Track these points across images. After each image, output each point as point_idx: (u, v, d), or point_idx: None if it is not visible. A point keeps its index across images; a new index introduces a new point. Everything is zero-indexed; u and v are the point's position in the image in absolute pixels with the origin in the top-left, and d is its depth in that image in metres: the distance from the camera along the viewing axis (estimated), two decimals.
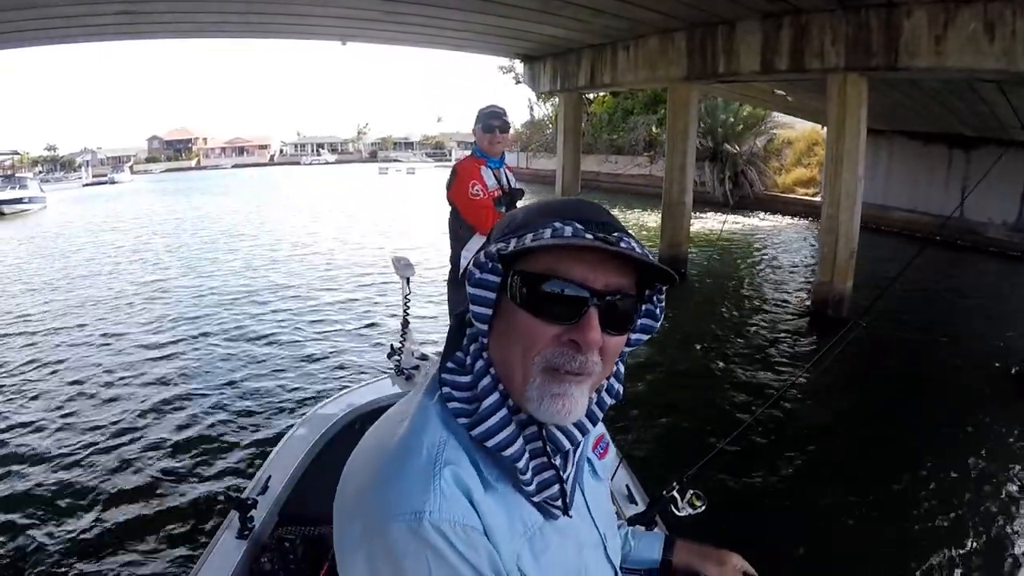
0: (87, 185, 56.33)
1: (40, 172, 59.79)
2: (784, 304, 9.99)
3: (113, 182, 57.80)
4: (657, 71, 11.48)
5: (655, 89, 23.57)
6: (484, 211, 3.80)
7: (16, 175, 35.39)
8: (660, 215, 12.41)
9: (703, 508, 1.48)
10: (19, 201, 29.26)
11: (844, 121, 8.35)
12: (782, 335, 8.49)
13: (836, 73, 8.28)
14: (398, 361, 3.88)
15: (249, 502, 2.33)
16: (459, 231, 3.90)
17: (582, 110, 16.26)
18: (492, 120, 3.95)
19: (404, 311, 3.98)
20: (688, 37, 10.48)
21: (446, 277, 4.11)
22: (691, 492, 1.51)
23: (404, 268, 3.99)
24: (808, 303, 9.54)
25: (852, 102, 8.24)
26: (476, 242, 3.79)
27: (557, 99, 19.20)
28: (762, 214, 19.99)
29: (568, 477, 0.89)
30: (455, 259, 3.97)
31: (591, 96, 33.98)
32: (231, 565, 2.16)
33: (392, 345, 4.03)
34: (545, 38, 12.89)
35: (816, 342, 7.96)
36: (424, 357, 4.17)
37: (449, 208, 4.02)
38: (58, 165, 78.53)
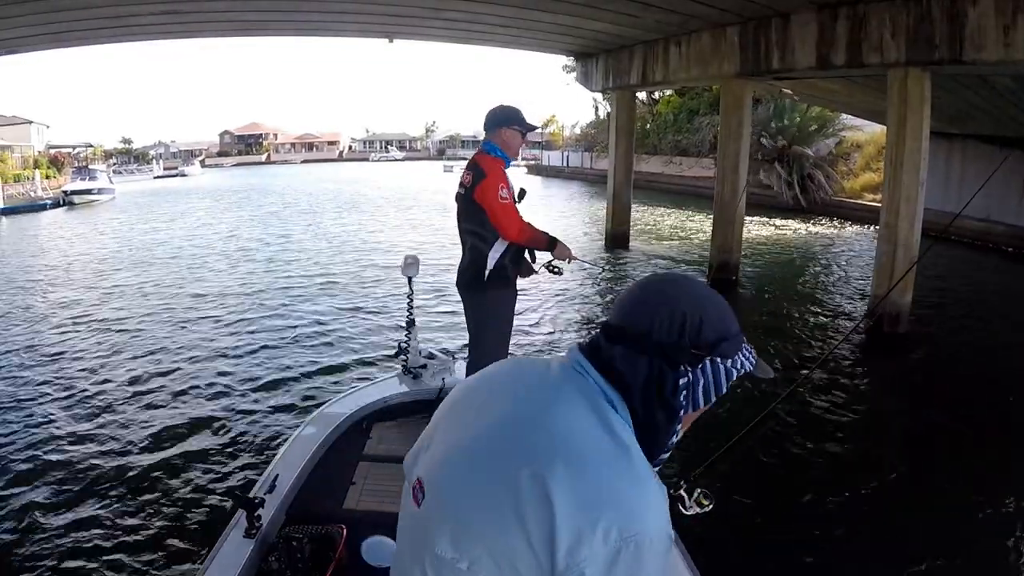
0: (158, 178, 58.70)
1: (114, 164, 62.58)
2: (838, 318, 9.40)
3: (183, 175, 60.08)
4: (709, 67, 11.11)
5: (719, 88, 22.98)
6: (513, 216, 3.49)
7: (88, 167, 37.41)
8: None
9: (710, 507, 1.45)
10: (88, 192, 30.96)
11: (905, 120, 7.70)
12: (826, 350, 7.93)
13: (896, 68, 7.67)
14: (405, 360, 3.97)
15: (256, 501, 2.35)
16: (485, 233, 3.53)
17: (635, 109, 15.97)
18: (526, 124, 3.66)
19: (409, 310, 3.99)
20: (741, 32, 10.09)
21: (455, 280, 3.78)
22: (699, 491, 1.48)
23: (408, 268, 3.95)
24: (864, 316, 8.94)
25: (914, 100, 7.60)
26: (501, 245, 3.53)
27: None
28: (828, 220, 19.25)
29: None
30: (477, 260, 3.57)
31: (656, 96, 33.48)
32: (238, 564, 2.19)
33: (399, 344, 4.05)
34: (596, 34, 12.71)
35: (862, 357, 7.41)
36: (431, 356, 4.11)
37: (466, 206, 3.60)
38: (131, 157, 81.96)
